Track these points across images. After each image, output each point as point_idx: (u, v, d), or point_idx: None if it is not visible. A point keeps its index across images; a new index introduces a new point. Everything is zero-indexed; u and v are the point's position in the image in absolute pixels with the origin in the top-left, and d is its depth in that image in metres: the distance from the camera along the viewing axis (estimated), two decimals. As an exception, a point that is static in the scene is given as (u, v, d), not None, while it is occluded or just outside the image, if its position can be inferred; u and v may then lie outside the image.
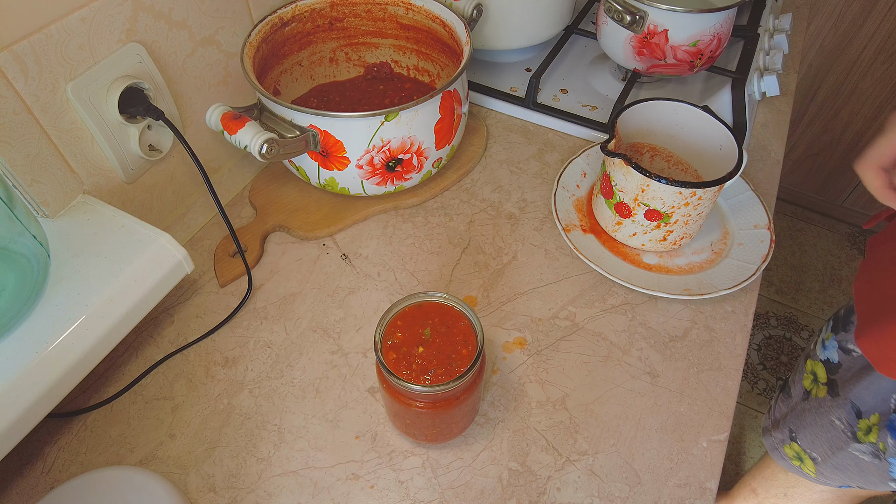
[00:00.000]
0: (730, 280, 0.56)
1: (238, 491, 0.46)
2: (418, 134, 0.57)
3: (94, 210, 0.49)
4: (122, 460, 0.47)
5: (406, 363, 0.40)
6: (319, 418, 0.50)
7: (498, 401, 0.50)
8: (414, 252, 0.61)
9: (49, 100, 0.45)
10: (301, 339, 0.54)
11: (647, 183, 0.52)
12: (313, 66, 0.70)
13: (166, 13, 0.52)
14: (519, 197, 0.66)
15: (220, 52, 0.59)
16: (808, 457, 0.78)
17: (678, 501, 0.45)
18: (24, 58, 0.42)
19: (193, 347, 0.54)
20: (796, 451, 0.80)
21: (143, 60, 0.51)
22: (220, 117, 0.54)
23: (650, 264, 0.59)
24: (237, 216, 0.64)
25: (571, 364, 0.53)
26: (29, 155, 0.45)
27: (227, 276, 0.58)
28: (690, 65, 0.69)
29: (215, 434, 0.49)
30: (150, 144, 0.55)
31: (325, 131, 0.55)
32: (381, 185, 0.61)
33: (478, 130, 0.72)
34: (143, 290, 0.46)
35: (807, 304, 1.66)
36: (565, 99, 0.76)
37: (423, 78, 0.72)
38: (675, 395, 0.51)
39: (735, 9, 0.66)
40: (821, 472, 0.78)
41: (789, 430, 0.80)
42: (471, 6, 0.65)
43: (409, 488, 0.46)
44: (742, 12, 0.85)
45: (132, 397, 0.51)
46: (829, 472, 0.76)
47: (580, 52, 0.83)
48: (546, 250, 0.61)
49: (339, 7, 0.67)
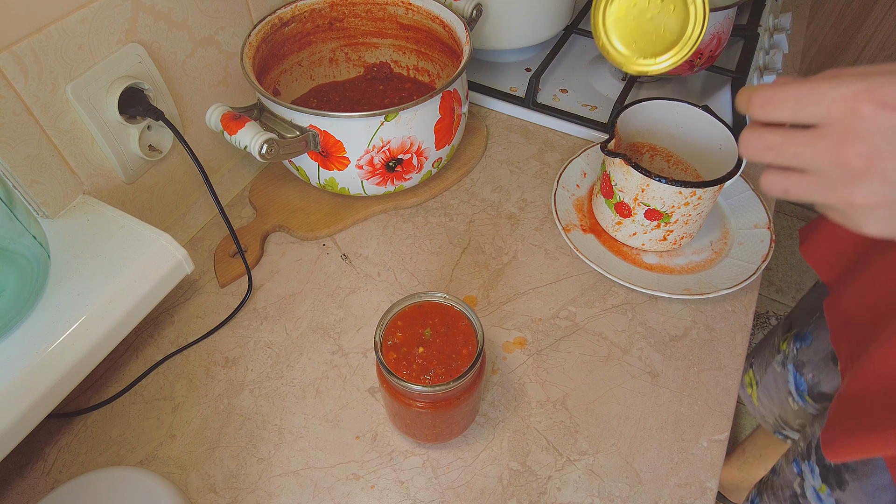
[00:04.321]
0: (730, 280, 0.56)
1: (238, 491, 0.46)
2: (418, 134, 0.57)
3: (94, 210, 0.49)
4: (122, 461, 0.47)
5: (406, 363, 0.40)
6: (320, 418, 0.50)
7: (498, 401, 0.50)
8: (414, 252, 0.61)
9: (49, 100, 0.45)
10: (301, 340, 0.54)
11: (647, 182, 0.52)
12: (313, 67, 0.70)
13: (166, 13, 0.52)
14: (519, 197, 0.66)
15: (219, 52, 0.59)
16: (754, 380, 0.82)
17: (678, 501, 0.45)
18: (23, 58, 0.42)
19: (194, 348, 0.54)
20: (750, 377, 0.85)
21: (143, 61, 0.51)
22: (220, 117, 0.54)
23: (650, 264, 0.59)
24: (237, 216, 0.64)
25: (572, 364, 0.53)
26: (29, 155, 0.45)
27: (227, 277, 0.58)
28: (690, 64, 0.69)
29: (215, 434, 0.49)
30: (150, 145, 0.55)
31: (325, 131, 0.55)
32: (381, 185, 0.61)
33: (478, 130, 0.72)
34: (143, 291, 0.46)
35: (807, 303, 1.66)
36: (565, 99, 0.76)
37: (423, 78, 0.72)
38: (675, 395, 0.51)
39: (735, 8, 0.66)
40: (760, 399, 0.83)
41: (751, 361, 0.85)
42: (470, 6, 0.65)
43: (409, 488, 0.46)
44: (742, 12, 0.85)
45: (132, 397, 0.51)
46: (763, 396, 0.81)
47: (580, 51, 0.83)
48: (546, 250, 0.61)
49: (338, 7, 0.67)
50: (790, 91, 0.29)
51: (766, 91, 0.30)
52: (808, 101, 0.28)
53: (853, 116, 0.27)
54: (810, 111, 0.28)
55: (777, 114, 0.30)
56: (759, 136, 0.31)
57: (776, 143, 0.30)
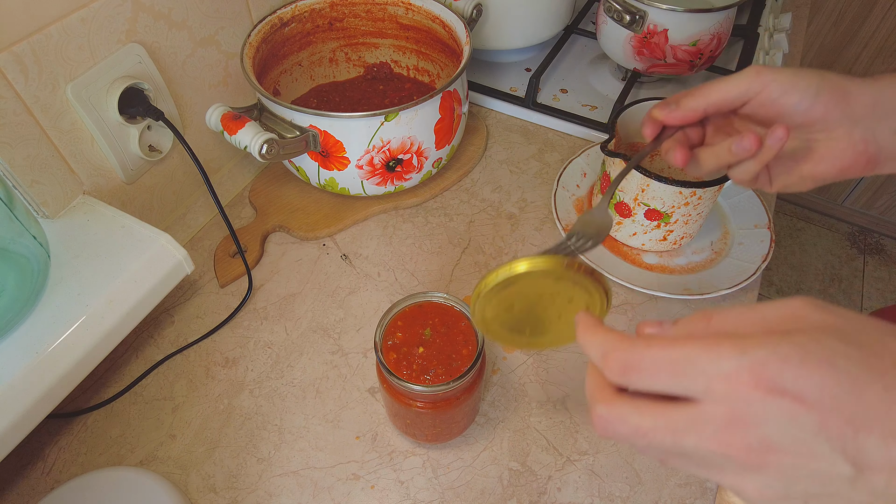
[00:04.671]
0: (730, 280, 0.56)
1: (238, 491, 0.46)
2: (418, 134, 0.57)
3: (94, 210, 0.49)
4: (122, 461, 0.47)
5: (406, 363, 0.40)
6: (320, 418, 0.50)
7: (498, 401, 0.50)
8: (414, 252, 0.61)
9: (49, 100, 0.45)
10: (301, 340, 0.54)
11: (647, 182, 0.52)
12: (313, 67, 0.70)
13: (166, 14, 0.52)
14: (519, 197, 0.66)
15: (219, 52, 0.59)
16: None
17: (678, 501, 0.45)
18: (24, 58, 0.42)
19: (194, 348, 0.54)
20: None
21: (143, 61, 0.51)
22: (220, 118, 0.54)
23: (650, 264, 0.59)
24: (237, 216, 0.64)
25: (572, 364, 0.53)
26: (29, 156, 0.45)
27: (227, 277, 0.58)
28: (690, 64, 0.69)
29: (216, 434, 0.49)
30: (149, 145, 0.55)
31: (325, 131, 0.55)
32: (381, 186, 0.61)
33: (478, 130, 0.72)
34: (143, 291, 0.46)
35: (807, 303, 1.66)
36: (565, 99, 0.76)
37: (423, 78, 0.72)
38: (675, 395, 0.51)
39: (735, 8, 0.66)
40: None
41: None
42: (470, 6, 0.65)
43: (409, 488, 0.46)
44: (742, 12, 0.85)
45: (132, 398, 0.51)
46: None
47: (580, 51, 0.83)
48: (546, 250, 0.61)
49: (338, 7, 0.67)
50: (658, 356, 0.23)
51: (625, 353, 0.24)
52: (681, 374, 0.23)
53: (737, 400, 0.22)
54: (684, 385, 0.23)
55: (642, 385, 0.24)
56: (621, 417, 0.24)
57: (648, 429, 0.23)
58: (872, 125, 0.37)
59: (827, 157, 0.39)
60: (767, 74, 0.37)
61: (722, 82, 0.38)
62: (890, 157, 0.38)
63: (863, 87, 0.37)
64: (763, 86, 0.37)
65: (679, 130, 0.42)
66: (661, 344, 0.23)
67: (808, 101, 0.37)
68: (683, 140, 0.42)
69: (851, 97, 0.37)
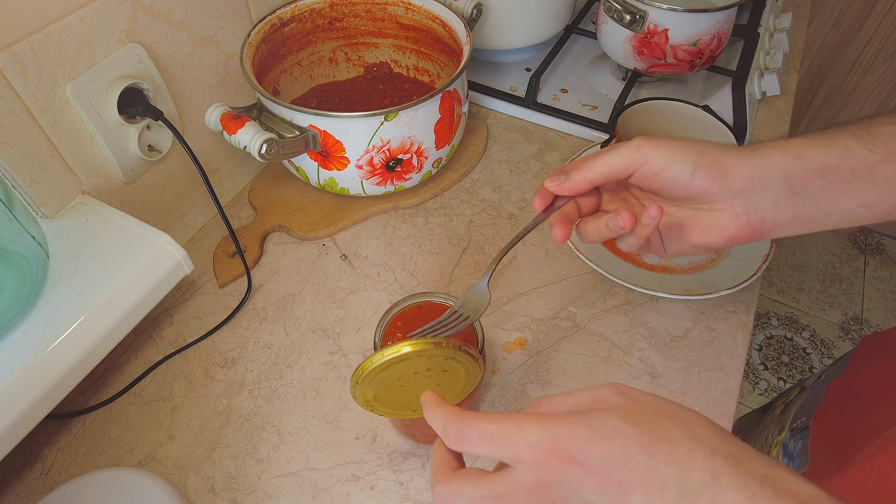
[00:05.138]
0: (731, 280, 0.56)
1: (237, 492, 0.46)
2: (418, 134, 0.57)
3: (93, 210, 0.49)
4: (121, 461, 0.47)
5: (406, 364, 0.40)
6: (319, 419, 0.49)
7: (498, 401, 0.50)
8: (414, 252, 0.61)
9: (48, 100, 0.45)
10: (301, 340, 0.54)
11: (647, 183, 0.52)
12: (313, 66, 0.70)
13: (166, 13, 0.52)
14: (519, 197, 0.66)
15: (219, 52, 0.59)
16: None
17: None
18: (23, 58, 0.42)
19: (193, 348, 0.54)
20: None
21: (143, 61, 0.51)
22: (220, 117, 0.54)
23: (651, 264, 0.59)
24: (237, 216, 0.64)
25: (572, 364, 0.52)
26: (28, 155, 0.45)
27: (226, 277, 0.58)
28: (690, 64, 0.69)
29: (215, 435, 0.49)
30: (149, 145, 0.55)
31: (325, 131, 0.55)
32: (380, 185, 0.61)
33: (478, 130, 0.72)
34: (143, 291, 0.46)
35: (808, 303, 1.66)
36: (565, 98, 0.76)
37: (423, 78, 0.72)
38: (675, 396, 0.51)
39: (735, 8, 0.66)
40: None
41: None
42: (470, 6, 0.65)
43: (409, 489, 0.46)
44: (742, 11, 0.85)
45: (131, 398, 0.51)
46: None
47: (580, 51, 0.83)
48: (546, 250, 0.61)
49: (338, 7, 0.66)
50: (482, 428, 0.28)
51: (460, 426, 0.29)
52: (498, 444, 0.28)
53: (541, 466, 0.27)
54: (502, 454, 0.28)
55: (472, 451, 0.29)
56: (457, 493, 0.29)
57: (478, 498, 0.29)
58: (753, 197, 0.39)
59: (712, 228, 0.40)
60: (648, 149, 0.39)
61: (606, 155, 0.40)
62: (774, 226, 0.39)
63: (741, 161, 0.38)
64: (643, 160, 0.39)
65: (570, 200, 0.42)
66: (487, 419, 0.29)
67: (686, 177, 0.38)
68: (566, 216, 0.42)
69: (729, 172, 0.38)
